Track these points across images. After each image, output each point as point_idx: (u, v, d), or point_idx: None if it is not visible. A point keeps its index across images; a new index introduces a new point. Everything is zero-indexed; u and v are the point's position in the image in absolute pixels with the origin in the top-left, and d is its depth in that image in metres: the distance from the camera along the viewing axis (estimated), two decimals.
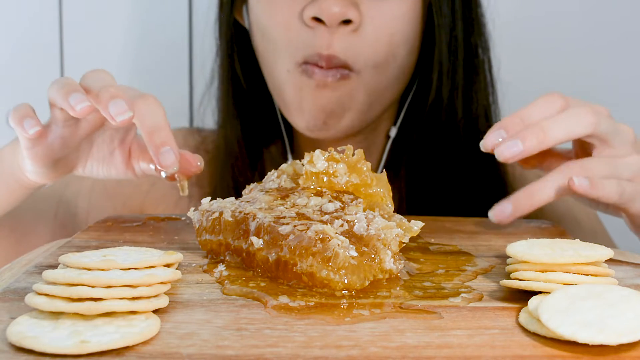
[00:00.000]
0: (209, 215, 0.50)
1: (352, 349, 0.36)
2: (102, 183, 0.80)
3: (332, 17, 0.68)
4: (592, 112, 0.55)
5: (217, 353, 0.35)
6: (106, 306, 0.37)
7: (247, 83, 0.81)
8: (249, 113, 0.81)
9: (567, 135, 0.55)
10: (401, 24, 0.71)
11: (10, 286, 0.44)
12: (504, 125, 0.55)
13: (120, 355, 0.34)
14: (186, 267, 0.48)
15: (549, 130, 0.54)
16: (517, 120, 0.55)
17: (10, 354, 0.34)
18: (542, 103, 0.56)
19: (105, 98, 0.53)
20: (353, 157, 0.52)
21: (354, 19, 0.69)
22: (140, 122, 0.54)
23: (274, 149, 0.84)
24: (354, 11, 0.69)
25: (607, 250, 0.45)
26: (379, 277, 0.45)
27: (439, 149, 0.76)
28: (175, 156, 0.52)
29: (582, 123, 0.55)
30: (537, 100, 0.56)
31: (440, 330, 0.38)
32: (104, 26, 1.05)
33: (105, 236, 0.56)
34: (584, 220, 0.82)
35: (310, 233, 0.44)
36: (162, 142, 0.53)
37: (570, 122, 0.54)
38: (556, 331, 0.36)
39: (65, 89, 0.53)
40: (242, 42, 0.80)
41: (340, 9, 0.68)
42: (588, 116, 0.55)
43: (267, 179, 0.54)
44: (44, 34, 1.05)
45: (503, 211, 0.56)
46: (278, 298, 0.42)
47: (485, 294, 0.44)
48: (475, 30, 0.76)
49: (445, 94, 0.75)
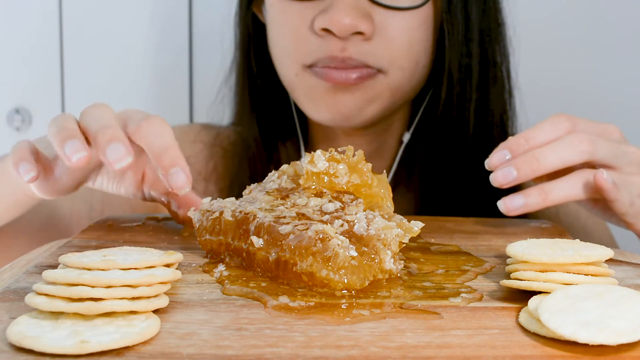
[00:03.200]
0: (210, 215, 0.50)
1: (352, 349, 0.36)
2: None
3: (342, 29, 0.67)
4: (588, 140, 0.56)
5: (217, 353, 0.35)
6: (106, 306, 0.37)
7: (263, 78, 0.80)
8: (265, 108, 0.81)
9: (561, 164, 0.56)
10: (417, 33, 0.70)
11: (10, 286, 0.44)
12: (508, 145, 0.57)
13: (120, 355, 0.34)
14: (186, 267, 0.48)
15: (542, 159, 0.55)
16: (522, 141, 0.57)
17: (10, 354, 0.34)
18: (548, 125, 0.57)
19: (103, 142, 0.50)
20: (354, 157, 0.52)
21: (365, 31, 0.67)
22: (147, 147, 0.53)
23: (290, 144, 0.83)
24: (365, 23, 0.67)
25: (607, 250, 0.45)
26: (379, 277, 0.45)
27: (451, 156, 0.76)
28: (186, 176, 0.51)
29: (575, 151, 0.56)
30: (543, 122, 0.57)
31: (440, 330, 0.38)
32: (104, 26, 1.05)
33: (105, 236, 0.56)
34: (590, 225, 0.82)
35: (310, 233, 0.44)
36: (171, 163, 0.51)
37: (565, 150, 0.56)
38: (556, 331, 0.36)
39: (62, 134, 0.52)
40: (259, 37, 0.79)
41: (351, 21, 0.66)
42: (583, 144, 0.56)
43: (267, 179, 0.54)
44: (44, 34, 1.05)
45: (513, 202, 0.56)
46: (278, 298, 0.42)
47: (485, 294, 0.44)
48: (493, 37, 0.74)
49: (455, 103, 0.73)
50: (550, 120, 0.57)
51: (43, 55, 1.05)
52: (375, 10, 0.68)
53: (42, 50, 1.05)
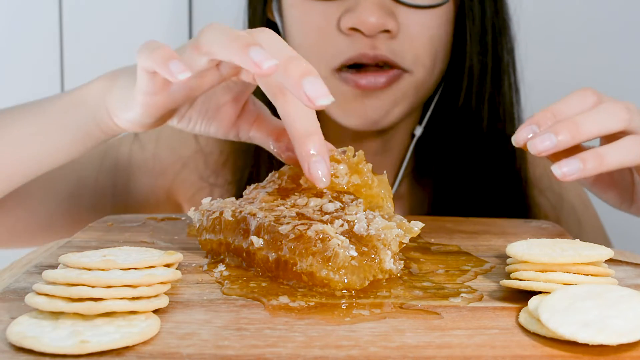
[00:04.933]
0: (210, 214, 0.50)
1: (352, 349, 0.36)
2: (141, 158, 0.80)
3: (371, 28, 0.68)
4: (625, 109, 0.54)
5: (217, 353, 0.35)
6: (106, 306, 0.37)
7: None
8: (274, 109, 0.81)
9: (600, 131, 0.54)
10: (438, 31, 0.72)
11: (10, 286, 0.44)
12: (535, 120, 0.54)
13: (120, 355, 0.34)
14: (186, 267, 0.48)
15: (582, 125, 0.53)
16: (549, 115, 0.54)
17: (10, 354, 0.34)
18: (575, 98, 0.55)
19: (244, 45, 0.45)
20: (354, 158, 0.52)
21: (392, 29, 0.69)
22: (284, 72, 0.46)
23: None
24: (391, 21, 0.68)
25: (607, 250, 0.45)
26: (379, 277, 0.45)
27: (465, 149, 0.77)
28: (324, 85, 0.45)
29: (615, 118, 0.53)
30: (569, 96, 0.55)
31: (440, 330, 0.38)
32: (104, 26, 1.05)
33: (105, 236, 0.56)
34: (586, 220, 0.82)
35: (310, 233, 0.44)
36: (303, 72, 0.45)
37: (604, 117, 0.53)
38: (556, 331, 0.36)
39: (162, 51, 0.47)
40: None
41: (378, 19, 0.67)
42: (622, 112, 0.54)
43: (267, 180, 0.54)
44: (44, 34, 1.05)
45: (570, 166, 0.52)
46: (278, 298, 0.42)
47: (485, 294, 0.44)
48: (503, 32, 0.76)
49: (474, 98, 0.75)
50: (577, 93, 0.55)
51: (43, 55, 1.05)
52: (398, 9, 0.69)
53: (42, 50, 1.05)
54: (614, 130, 0.54)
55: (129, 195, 0.79)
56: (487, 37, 0.74)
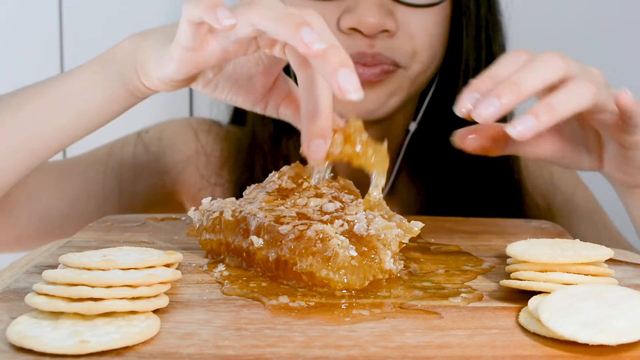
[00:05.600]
0: (210, 214, 0.50)
1: (352, 349, 0.36)
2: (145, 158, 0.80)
3: (370, 28, 0.68)
4: (559, 56, 0.53)
5: (217, 353, 0.35)
6: (106, 306, 0.37)
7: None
8: None
9: (542, 82, 0.52)
10: (436, 29, 0.73)
11: (10, 286, 0.44)
12: (475, 87, 0.52)
13: (120, 355, 0.34)
14: (186, 267, 0.48)
15: (522, 82, 0.51)
16: (487, 80, 0.52)
17: (10, 354, 0.34)
18: (509, 59, 0.53)
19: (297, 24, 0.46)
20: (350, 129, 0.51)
21: (391, 29, 0.69)
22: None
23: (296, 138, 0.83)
24: (390, 21, 0.69)
25: (607, 250, 0.45)
26: (379, 277, 0.45)
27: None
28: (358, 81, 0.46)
29: (553, 67, 0.52)
30: (503, 57, 0.54)
31: (440, 330, 0.38)
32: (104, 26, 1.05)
33: (105, 236, 0.56)
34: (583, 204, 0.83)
35: (310, 233, 0.44)
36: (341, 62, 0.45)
37: (541, 69, 0.52)
38: (556, 331, 0.36)
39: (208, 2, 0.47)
40: None
41: (378, 19, 0.68)
42: (557, 60, 0.52)
43: (267, 180, 0.54)
44: (44, 34, 1.05)
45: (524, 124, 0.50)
46: (278, 298, 0.42)
47: (485, 294, 0.44)
48: (496, 29, 0.77)
49: None
50: (510, 53, 0.54)
51: (43, 55, 1.05)
52: (397, 8, 0.70)
53: (42, 50, 1.05)
54: (554, 78, 0.52)
55: (134, 196, 0.79)
56: (481, 33, 0.75)
